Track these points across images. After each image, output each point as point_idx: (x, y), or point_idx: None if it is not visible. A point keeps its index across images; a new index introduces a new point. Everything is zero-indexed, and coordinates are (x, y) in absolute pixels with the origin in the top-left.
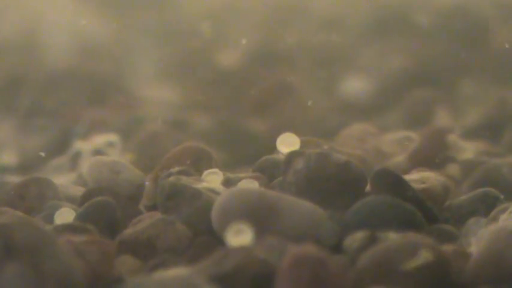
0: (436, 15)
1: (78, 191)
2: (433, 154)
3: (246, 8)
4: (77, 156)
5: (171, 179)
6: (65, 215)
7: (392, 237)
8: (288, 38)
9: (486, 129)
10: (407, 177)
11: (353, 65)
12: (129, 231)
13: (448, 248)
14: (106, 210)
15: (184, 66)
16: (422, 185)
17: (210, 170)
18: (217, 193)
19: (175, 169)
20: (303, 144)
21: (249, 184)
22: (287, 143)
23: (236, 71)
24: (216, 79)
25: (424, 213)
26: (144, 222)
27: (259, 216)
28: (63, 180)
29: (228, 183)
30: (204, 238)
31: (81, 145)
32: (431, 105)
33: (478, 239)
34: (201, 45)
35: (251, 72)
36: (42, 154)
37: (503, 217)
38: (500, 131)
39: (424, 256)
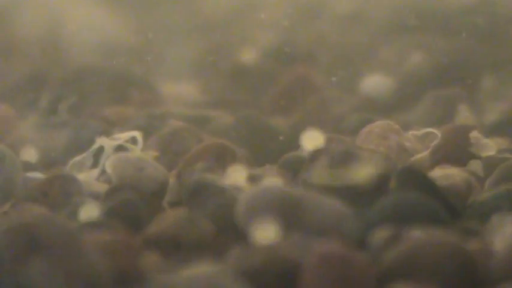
0: (458, 12)
1: (102, 187)
2: (456, 151)
3: (267, 4)
4: (99, 153)
5: (195, 175)
6: (90, 212)
7: (416, 235)
8: (309, 35)
9: (509, 126)
10: (431, 174)
11: (375, 61)
12: (153, 228)
13: (472, 245)
14: (130, 207)
15: (206, 63)
16: (446, 182)
17: (234, 167)
18: (241, 190)
19: (199, 166)
20: (327, 141)
21: (273, 181)
22: (311, 140)
23: (258, 68)
24: (239, 76)
25: (448, 210)
26: (168, 219)
27: (284, 213)
28: (86, 177)
29: (252, 180)
30: (229, 235)
31: (103, 142)
32: (454, 102)
33: (503, 236)
34: (223, 41)
35: (273, 69)
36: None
37: None
38: None
39: None
